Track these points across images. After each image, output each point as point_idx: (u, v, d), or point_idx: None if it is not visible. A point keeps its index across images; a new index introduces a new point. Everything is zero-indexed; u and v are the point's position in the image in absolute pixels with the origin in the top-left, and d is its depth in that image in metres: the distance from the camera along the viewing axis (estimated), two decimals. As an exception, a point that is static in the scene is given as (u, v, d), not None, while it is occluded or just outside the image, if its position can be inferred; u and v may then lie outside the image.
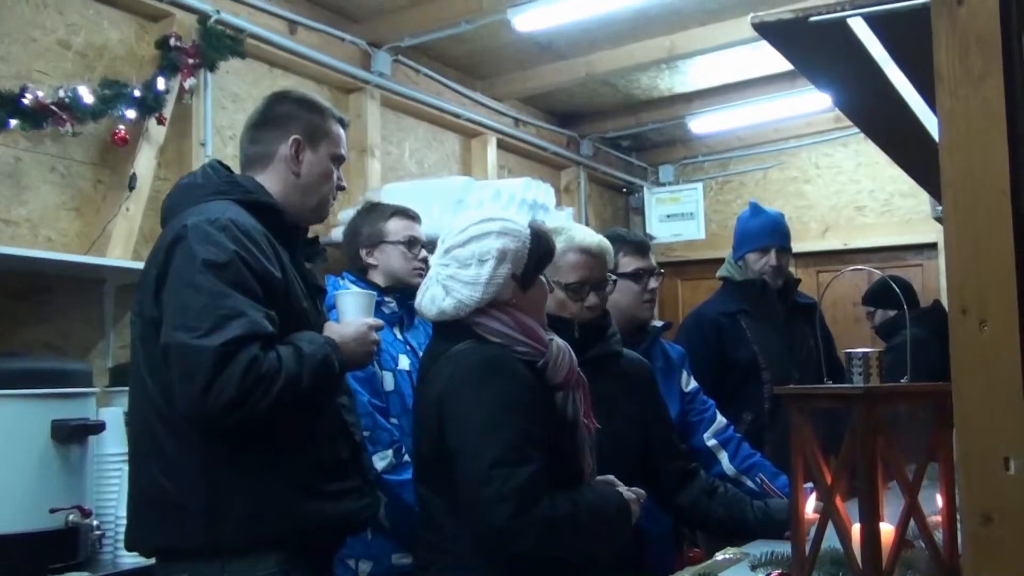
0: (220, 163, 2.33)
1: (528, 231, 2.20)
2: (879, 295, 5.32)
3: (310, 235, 2.42)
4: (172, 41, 3.69)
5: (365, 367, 2.38)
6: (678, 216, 7.35)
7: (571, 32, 5.15)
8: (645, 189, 7.46)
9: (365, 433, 2.84)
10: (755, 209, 3.96)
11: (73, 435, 2.57)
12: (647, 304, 3.09)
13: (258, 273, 2.06)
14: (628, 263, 3.04)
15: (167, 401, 2.03)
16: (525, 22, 4.70)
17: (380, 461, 2.81)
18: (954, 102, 1.58)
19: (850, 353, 1.80)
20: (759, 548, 2.35)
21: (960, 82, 1.58)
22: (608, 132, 6.93)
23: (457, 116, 5.53)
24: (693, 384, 3.15)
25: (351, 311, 2.30)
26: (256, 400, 1.96)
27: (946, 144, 1.60)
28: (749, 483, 2.97)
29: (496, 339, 2.12)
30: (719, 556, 2.32)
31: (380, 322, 2.34)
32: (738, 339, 3.74)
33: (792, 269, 6.84)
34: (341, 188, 2.41)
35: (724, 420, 3.11)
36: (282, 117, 2.34)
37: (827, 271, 6.93)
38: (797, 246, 6.87)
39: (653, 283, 3.08)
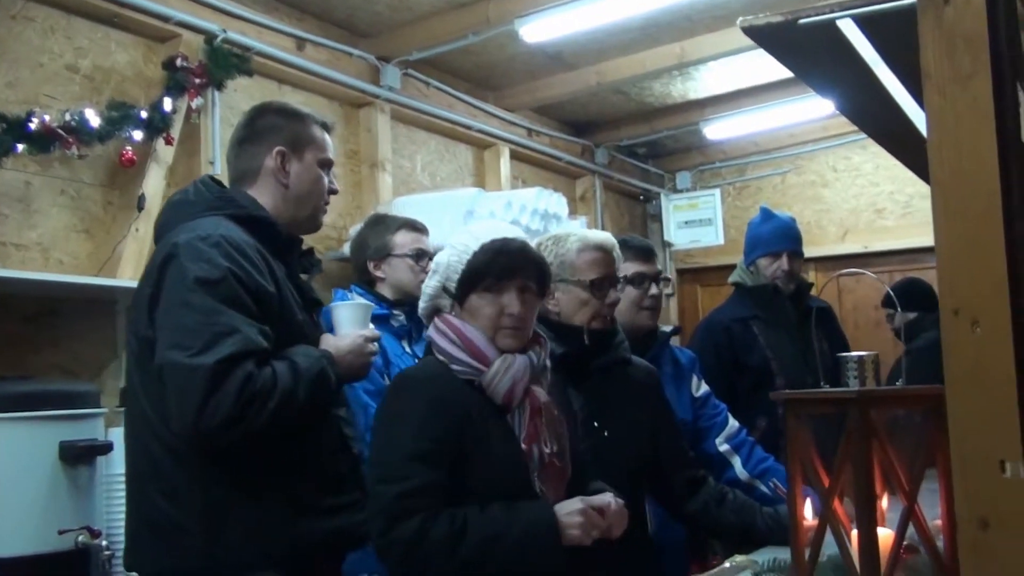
0: (212, 178, 2.33)
1: (476, 247, 2.13)
2: (898, 297, 5.28)
3: (305, 247, 2.42)
4: (178, 61, 3.71)
5: (363, 379, 2.37)
6: (696, 222, 7.33)
7: (580, 41, 5.15)
8: (662, 196, 7.44)
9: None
10: (766, 214, 3.94)
11: (81, 456, 2.58)
12: (646, 311, 3.01)
13: (251, 289, 2.05)
14: (628, 267, 2.94)
15: (164, 422, 2.02)
16: (532, 33, 4.70)
17: (391, 474, 2.81)
18: (942, 101, 1.56)
19: (845, 356, 1.78)
20: (768, 555, 2.32)
21: (948, 81, 1.56)
22: (623, 140, 6.92)
23: (469, 128, 5.53)
24: (704, 388, 3.12)
25: (347, 323, 2.29)
26: (252, 417, 1.95)
27: (935, 143, 1.58)
28: (763, 488, 2.94)
29: (440, 356, 2.11)
30: (727, 563, 2.30)
31: (376, 333, 2.34)
32: (750, 345, 3.71)
33: (812, 273, 6.86)
34: (333, 192, 2.40)
35: (736, 424, 3.07)
36: (264, 130, 2.33)
37: (847, 275, 6.89)
38: (816, 250, 6.87)
39: (654, 289, 3.00)
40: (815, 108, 6.17)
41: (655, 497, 2.71)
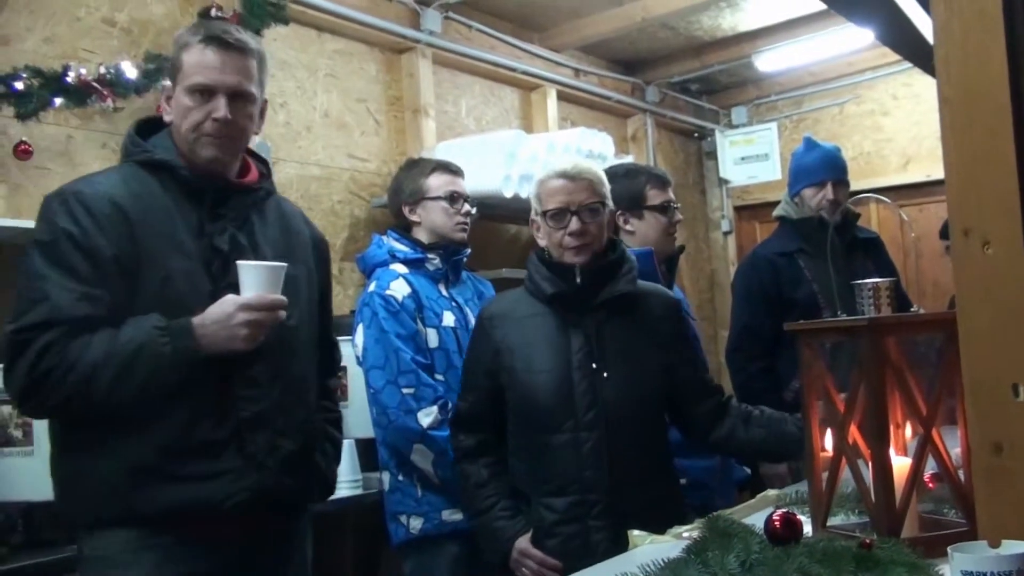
0: (144, 121, 2.27)
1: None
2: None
3: (248, 185, 2.26)
4: (213, 11, 3.71)
5: (237, 350, 2.02)
6: (753, 158, 7.19)
7: (622, -24, 5.05)
8: (717, 132, 7.30)
9: (408, 390, 2.85)
10: (809, 144, 3.85)
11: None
12: (673, 237, 3.23)
13: (85, 249, 1.97)
14: (656, 195, 3.16)
15: None
16: (571, -31, 4.62)
17: (425, 417, 2.82)
18: (949, 13, 1.51)
19: (860, 284, 1.74)
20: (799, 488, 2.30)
21: (955, -9, 1.51)
22: (674, 77, 6.76)
23: (513, 70, 5.46)
24: None
25: (248, 286, 2.04)
26: (47, 392, 1.92)
27: (942, 58, 1.53)
28: None
29: None
30: (759, 496, 2.29)
31: (282, 300, 2.07)
32: (795, 279, 3.65)
33: (872, 205, 6.70)
34: (217, 120, 2.13)
35: None
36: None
37: (911, 205, 6.73)
38: (877, 181, 6.71)
39: (679, 215, 3.24)
40: (870, 35, 5.98)
41: (680, 429, 2.67)
